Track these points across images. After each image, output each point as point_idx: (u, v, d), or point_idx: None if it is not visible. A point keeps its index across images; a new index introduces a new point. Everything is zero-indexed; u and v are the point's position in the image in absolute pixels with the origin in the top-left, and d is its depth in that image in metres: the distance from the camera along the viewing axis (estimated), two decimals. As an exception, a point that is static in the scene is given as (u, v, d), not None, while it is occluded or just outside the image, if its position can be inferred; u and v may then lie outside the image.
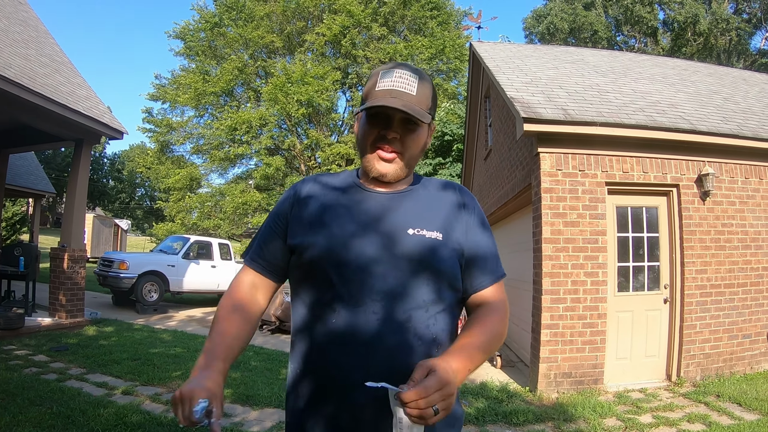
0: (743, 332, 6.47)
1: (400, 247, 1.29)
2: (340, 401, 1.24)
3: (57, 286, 8.52)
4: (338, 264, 1.27)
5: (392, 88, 1.31)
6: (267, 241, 1.45)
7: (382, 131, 1.32)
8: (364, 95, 1.39)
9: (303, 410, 1.32)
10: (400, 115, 1.30)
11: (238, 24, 25.53)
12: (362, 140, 1.38)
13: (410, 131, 1.34)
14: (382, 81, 1.33)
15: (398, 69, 1.34)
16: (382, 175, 1.35)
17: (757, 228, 6.62)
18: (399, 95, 1.30)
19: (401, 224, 1.33)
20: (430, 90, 1.37)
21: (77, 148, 8.94)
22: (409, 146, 1.35)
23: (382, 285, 1.25)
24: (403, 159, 1.35)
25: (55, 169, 46.08)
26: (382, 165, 1.34)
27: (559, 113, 6.13)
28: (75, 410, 4.42)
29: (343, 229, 1.32)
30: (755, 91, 9.46)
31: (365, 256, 1.27)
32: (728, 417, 4.91)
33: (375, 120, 1.33)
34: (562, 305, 5.95)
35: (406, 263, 1.28)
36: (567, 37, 32.99)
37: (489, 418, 4.87)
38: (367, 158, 1.37)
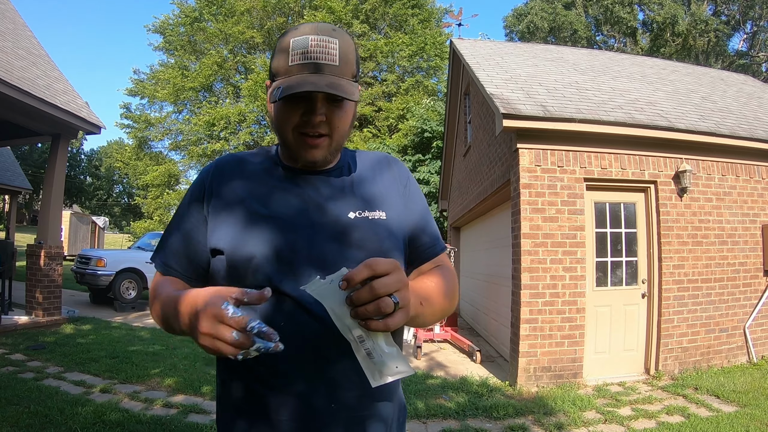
0: (720, 326, 6.58)
1: (346, 233, 1.16)
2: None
3: (34, 284, 8.39)
4: (281, 262, 1.10)
5: (309, 61, 1.08)
6: (182, 238, 1.21)
7: (305, 116, 1.11)
8: (276, 69, 1.14)
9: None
10: (321, 94, 1.09)
11: (218, 19, 25.38)
12: (282, 126, 1.15)
13: (337, 108, 1.13)
14: (296, 52, 1.08)
15: (313, 34, 1.09)
16: (312, 163, 1.17)
17: (733, 224, 6.74)
18: (319, 69, 1.08)
19: (342, 209, 1.19)
20: (353, 52, 1.15)
21: (54, 143, 8.80)
22: (337, 126, 1.14)
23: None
24: (332, 140, 1.16)
25: (32, 165, 45.33)
26: (309, 153, 1.15)
27: (539, 109, 6.17)
28: (53, 409, 4.37)
29: (279, 223, 1.14)
30: (733, 90, 9.62)
31: (309, 251, 1.12)
32: (706, 409, 4.99)
33: (296, 101, 1.10)
34: (541, 300, 6.00)
35: (355, 250, 1.14)
36: (547, 36, 33.23)
37: (469, 413, 4.90)
38: (290, 145, 1.16)
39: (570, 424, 4.62)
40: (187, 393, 5.20)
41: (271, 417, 1.10)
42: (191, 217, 1.22)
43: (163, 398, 4.97)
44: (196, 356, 6.73)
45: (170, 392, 5.22)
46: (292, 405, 1.09)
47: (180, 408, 4.70)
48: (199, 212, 1.21)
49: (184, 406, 4.73)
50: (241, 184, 1.20)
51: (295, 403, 1.09)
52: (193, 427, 4.23)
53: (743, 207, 6.82)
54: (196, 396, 5.13)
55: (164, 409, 4.70)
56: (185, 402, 4.88)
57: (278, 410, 1.10)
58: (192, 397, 5.07)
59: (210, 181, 1.22)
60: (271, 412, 1.10)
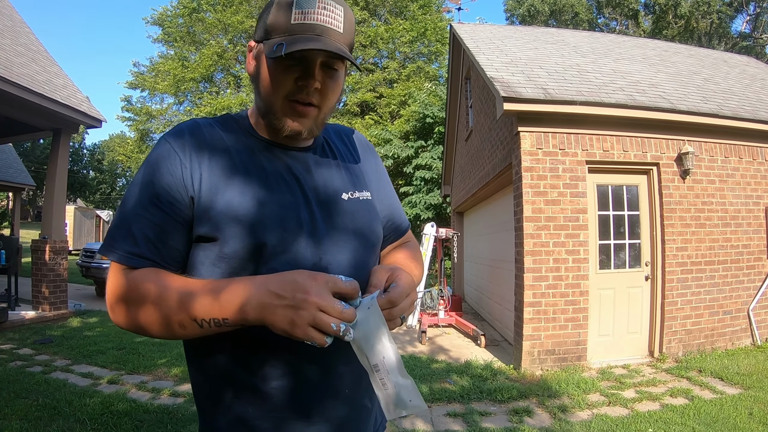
0: (724, 309, 6.58)
1: (344, 216, 1.12)
2: None
3: (40, 279, 8.44)
4: (285, 251, 1.03)
5: (315, 22, 1.00)
6: (153, 221, 1.01)
7: (300, 80, 1.03)
8: (272, 26, 1.04)
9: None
10: (322, 58, 1.02)
11: (216, 9, 25.26)
12: (270, 90, 1.05)
13: (330, 78, 1.06)
14: (301, 11, 1.00)
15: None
16: (297, 133, 1.08)
17: (736, 206, 6.71)
18: (324, 32, 1.01)
19: (337, 190, 1.15)
20: (354, 24, 1.09)
21: (55, 138, 8.82)
22: (328, 96, 1.08)
23: (335, 264, 1.07)
24: (321, 113, 1.09)
25: (35, 161, 45.36)
26: (297, 122, 1.06)
27: (539, 92, 6.14)
28: (61, 401, 4.42)
29: (279, 209, 1.05)
30: (735, 72, 9.55)
31: (313, 236, 1.06)
32: (710, 391, 5.01)
33: (290, 65, 1.02)
34: (545, 283, 6.01)
35: (352, 232, 1.12)
36: (548, 20, 32.99)
37: (474, 396, 4.93)
38: (276, 112, 1.06)
39: (574, 407, 4.64)
40: (193, 382, 5.23)
41: (264, 390, 1.04)
42: (163, 195, 1.01)
43: (170, 388, 5.01)
44: (202, 346, 6.76)
45: (177, 382, 5.26)
46: (287, 380, 1.04)
47: (187, 397, 4.74)
48: (176, 189, 1.02)
49: (191, 395, 4.76)
50: (228, 162, 1.07)
51: (290, 379, 1.04)
52: (200, 415, 4.26)
53: (746, 189, 6.80)
54: (202, 385, 5.16)
55: (171, 398, 4.74)
56: (192, 391, 4.91)
57: (272, 384, 1.04)
58: (198, 387, 5.10)
59: (186, 152, 1.05)
60: (264, 384, 1.04)
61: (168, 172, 1.02)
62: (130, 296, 0.97)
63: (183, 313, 0.93)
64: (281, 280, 0.89)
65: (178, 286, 0.95)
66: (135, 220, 1.01)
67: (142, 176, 1.04)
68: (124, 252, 1.00)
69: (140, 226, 1.00)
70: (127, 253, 1.00)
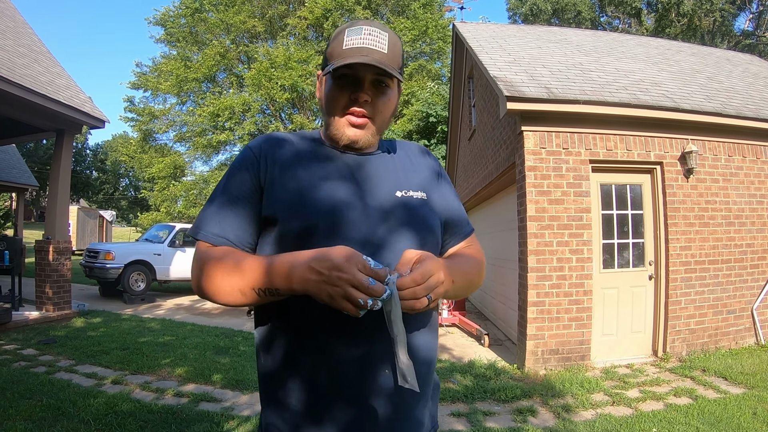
0: (728, 308, 6.57)
1: (394, 211, 1.25)
2: None
3: (43, 279, 8.45)
4: (335, 235, 1.17)
5: (362, 45, 1.20)
6: (233, 208, 1.24)
7: (352, 94, 1.22)
8: (330, 55, 1.26)
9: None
10: (371, 75, 1.22)
11: (219, 9, 25.23)
12: (330, 105, 1.27)
13: (382, 93, 1.25)
14: (350, 39, 1.21)
15: (366, 26, 1.23)
16: (353, 142, 1.26)
17: (740, 205, 6.70)
18: (370, 53, 1.19)
19: (389, 188, 1.28)
20: (400, 48, 1.27)
21: (59, 139, 8.83)
22: (380, 110, 1.27)
23: (387, 253, 1.20)
24: (374, 124, 1.27)
25: (38, 162, 45.48)
26: (352, 131, 1.26)
27: (543, 91, 6.13)
28: (65, 402, 4.42)
29: (335, 197, 1.22)
30: (739, 70, 9.52)
31: (362, 224, 1.20)
32: (714, 391, 5.00)
33: (343, 82, 1.23)
34: (548, 283, 6.00)
35: (401, 226, 1.24)
36: (551, 18, 32.94)
37: (477, 396, 4.93)
38: (335, 125, 1.27)
39: (578, 406, 4.64)
40: (197, 382, 5.25)
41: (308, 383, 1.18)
42: (241, 189, 1.24)
43: (174, 388, 5.01)
44: (206, 346, 6.79)
45: (181, 381, 5.27)
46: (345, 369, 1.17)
47: (191, 397, 4.75)
48: (252, 184, 1.24)
49: (195, 395, 4.78)
50: (294, 160, 1.28)
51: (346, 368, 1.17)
52: (204, 415, 4.27)
53: (750, 188, 6.78)
54: (206, 385, 5.17)
55: (175, 398, 4.74)
56: (196, 391, 4.93)
57: (330, 374, 1.17)
58: (202, 386, 5.12)
59: (261, 154, 1.28)
60: (321, 377, 1.18)
61: (245, 169, 1.26)
62: (209, 268, 1.17)
63: (244, 282, 1.11)
64: (320, 258, 1.02)
65: (243, 260, 1.14)
66: (219, 206, 1.24)
67: (228, 173, 1.29)
68: (208, 231, 1.23)
69: (222, 211, 1.23)
70: (210, 233, 1.22)
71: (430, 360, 1.29)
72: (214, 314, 10.11)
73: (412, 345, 1.20)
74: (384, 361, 1.17)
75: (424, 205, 1.30)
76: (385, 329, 1.05)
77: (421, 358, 1.24)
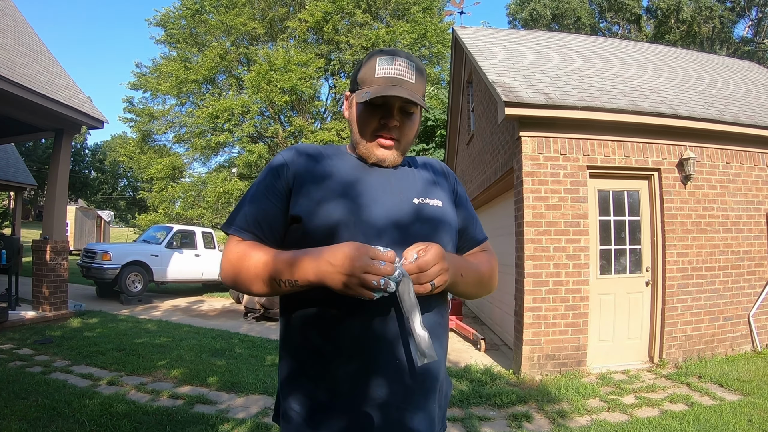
0: (724, 314, 6.57)
1: (412, 214, 1.37)
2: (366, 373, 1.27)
3: (40, 279, 8.44)
4: (357, 234, 1.28)
5: (393, 75, 1.35)
6: (262, 208, 1.37)
7: (383, 120, 1.37)
8: (361, 80, 1.41)
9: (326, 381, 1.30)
10: (400, 103, 1.36)
11: (219, 10, 25.21)
12: (362, 128, 1.41)
13: (408, 118, 1.41)
14: (382, 68, 1.36)
15: (397, 57, 1.37)
16: (381, 160, 1.41)
17: (737, 212, 6.72)
18: (400, 83, 1.35)
19: (408, 195, 1.40)
20: (425, 76, 1.42)
21: (57, 139, 8.83)
22: (406, 133, 1.42)
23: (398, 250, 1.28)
24: (400, 146, 1.42)
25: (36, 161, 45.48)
26: (381, 152, 1.40)
27: (541, 97, 6.15)
28: (60, 402, 4.41)
29: (356, 200, 1.34)
30: (737, 77, 9.55)
31: (382, 225, 1.31)
32: (710, 397, 5.00)
33: (375, 107, 1.37)
34: (545, 288, 6.01)
35: (418, 228, 1.35)
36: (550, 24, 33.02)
37: (473, 401, 4.93)
38: (366, 146, 1.41)
39: (573, 412, 4.64)
40: (193, 384, 5.24)
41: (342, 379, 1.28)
42: (271, 189, 1.37)
43: (169, 389, 5.01)
44: (202, 348, 6.78)
45: (176, 383, 5.26)
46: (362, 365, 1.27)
47: (186, 399, 4.74)
48: (282, 185, 1.37)
49: (191, 397, 4.77)
50: (322, 166, 1.40)
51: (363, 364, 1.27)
52: (199, 417, 4.27)
53: (747, 195, 6.80)
54: (202, 387, 5.17)
55: (171, 400, 4.74)
56: (191, 393, 4.92)
57: (350, 373, 1.27)
58: (198, 388, 5.11)
59: (291, 159, 1.41)
60: (341, 375, 1.28)
61: (276, 172, 1.39)
62: (237, 261, 1.30)
63: (267, 274, 1.23)
64: (335, 252, 1.14)
65: (268, 254, 1.26)
66: (250, 205, 1.37)
67: (261, 175, 1.42)
68: (239, 227, 1.36)
69: (253, 210, 1.37)
70: (241, 228, 1.35)
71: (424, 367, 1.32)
72: (210, 316, 10.10)
73: (404, 354, 1.29)
74: (377, 372, 1.27)
75: (438, 211, 1.43)
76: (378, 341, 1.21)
77: (413, 367, 1.30)
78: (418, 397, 1.31)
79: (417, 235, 1.33)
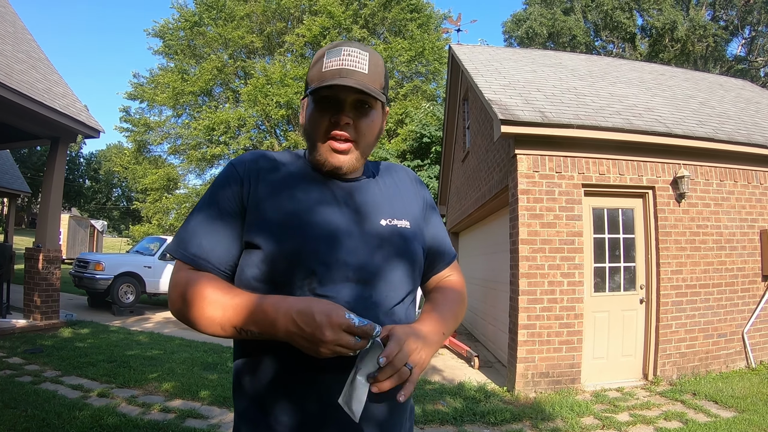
0: (719, 331, 6.58)
1: (378, 239, 1.24)
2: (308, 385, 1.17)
3: (32, 287, 8.39)
4: (319, 262, 1.16)
5: (341, 67, 1.18)
6: (214, 229, 1.21)
7: (333, 117, 1.20)
8: (311, 79, 1.24)
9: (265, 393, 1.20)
10: (352, 97, 1.20)
11: (218, 23, 25.37)
12: (311, 130, 1.24)
13: (364, 115, 1.23)
14: (329, 61, 1.20)
15: (345, 46, 1.21)
16: (337, 168, 1.24)
17: (731, 229, 6.75)
18: (349, 74, 1.18)
19: (375, 216, 1.27)
20: (382, 68, 1.26)
21: (53, 147, 8.82)
22: (363, 132, 1.24)
23: (364, 281, 1.20)
24: (358, 148, 1.25)
25: (31, 168, 45.29)
26: (336, 158, 1.23)
27: (537, 115, 6.19)
28: (50, 413, 4.36)
29: (319, 223, 1.20)
30: (731, 96, 9.64)
31: (345, 251, 1.18)
32: (704, 414, 4.99)
33: (324, 105, 1.21)
34: (539, 306, 6.00)
35: (384, 254, 1.23)
36: (546, 42, 33.26)
37: (467, 418, 4.90)
38: (318, 151, 1.24)
39: (567, 430, 4.62)
40: (184, 398, 5.20)
41: (297, 406, 1.17)
42: (225, 208, 1.21)
43: (160, 403, 4.96)
44: (194, 361, 6.73)
45: (168, 397, 5.21)
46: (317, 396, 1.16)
47: (177, 413, 4.69)
48: (235, 203, 1.21)
49: (182, 411, 4.73)
50: (279, 182, 1.25)
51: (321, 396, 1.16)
52: (190, 431, 4.23)
53: (741, 212, 6.83)
54: (193, 401, 5.12)
55: (162, 413, 4.69)
56: (183, 407, 4.88)
57: (306, 399, 1.16)
58: (189, 402, 5.07)
59: (245, 173, 1.24)
60: (296, 401, 1.17)
61: (228, 186, 1.23)
62: (188, 295, 1.14)
63: (225, 319, 1.10)
64: (304, 313, 1.02)
65: (225, 294, 1.12)
66: (200, 225, 1.21)
67: (209, 191, 1.26)
68: (188, 253, 1.19)
69: (203, 231, 1.21)
70: (190, 254, 1.19)
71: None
72: (203, 328, 10.02)
73: None
74: None
75: (405, 234, 1.30)
76: None
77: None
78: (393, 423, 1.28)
79: (387, 263, 1.23)
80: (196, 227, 1.22)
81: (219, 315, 1.10)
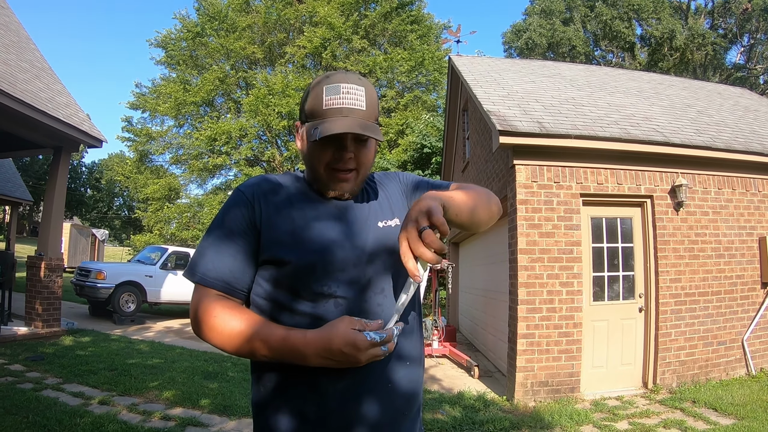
0: (718, 339, 6.60)
1: (379, 242, 1.33)
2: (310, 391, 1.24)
3: (33, 295, 8.41)
4: (327, 275, 1.25)
5: (342, 106, 1.25)
6: (230, 253, 1.27)
7: (336, 153, 1.28)
8: (309, 112, 1.31)
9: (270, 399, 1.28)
10: (353, 135, 1.26)
11: (219, 34, 25.44)
12: (314, 163, 1.32)
13: (363, 147, 1.31)
14: (329, 98, 1.26)
15: (344, 83, 1.27)
16: (340, 195, 1.34)
17: (730, 237, 6.78)
18: (350, 113, 1.25)
19: (373, 223, 1.36)
20: (376, 100, 1.33)
21: (56, 156, 8.87)
22: (363, 162, 1.33)
23: (374, 284, 1.30)
24: (358, 175, 1.34)
25: (33, 176, 45.38)
26: (339, 186, 1.32)
27: (535, 126, 6.23)
28: (51, 420, 4.38)
29: (325, 237, 1.28)
30: (729, 104, 9.69)
31: (357, 260, 1.28)
32: (704, 422, 5.01)
33: (327, 142, 1.26)
34: (538, 315, 6.03)
35: (386, 253, 1.32)
36: (546, 52, 33.37)
37: (466, 427, 4.91)
38: (321, 179, 1.33)
39: (566, 438, 4.63)
40: (185, 406, 5.21)
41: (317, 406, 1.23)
42: (238, 229, 1.28)
43: (161, 411, 4.98)
44: (194, 370, 6.74)
45: (168, 405, 5.23)
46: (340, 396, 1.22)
47: (178, 421, 4.71)
48: (247, 224, 1.28)
49: (182, 419, 4.75)
50: (287, 202, 1.33)
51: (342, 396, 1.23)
52: (190, 439, 4.25)
53: (740, 220, 6.87)
54: (194, 409, 5.14)
55: (162, 421, 4.71)
56: (183, 415, 4.90)
57: (326, 399, 1.22)
58: (190, 410, 5.08)
59: (253, 196, 1.32)
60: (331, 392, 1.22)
61: (239, 210, 1.30)
62: (210, 321, 1.22)
63: (248, 348, 1.18)
64: (326, 348, 1.11)
65: (245, 324, 1.19)
66: (214, 247, 1.28)
67: (221, 215, 1.32)
68: (205, 275, 1.26)
69: (217, 253, 1.27)
70: (207, 277, 1.25)
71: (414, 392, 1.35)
72: (204, 337, 10.03)
73: (396, 378, 1.29)
74: (369, 392, 1.24)
75: (397, 230, 1.33)
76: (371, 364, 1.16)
77: (405, 391, 1.31)
78: (406, 420, 1.32)
79: (390, 260, 1.30)
80: (209, 250, 1.29)
81: (244, 344, 1.18)
